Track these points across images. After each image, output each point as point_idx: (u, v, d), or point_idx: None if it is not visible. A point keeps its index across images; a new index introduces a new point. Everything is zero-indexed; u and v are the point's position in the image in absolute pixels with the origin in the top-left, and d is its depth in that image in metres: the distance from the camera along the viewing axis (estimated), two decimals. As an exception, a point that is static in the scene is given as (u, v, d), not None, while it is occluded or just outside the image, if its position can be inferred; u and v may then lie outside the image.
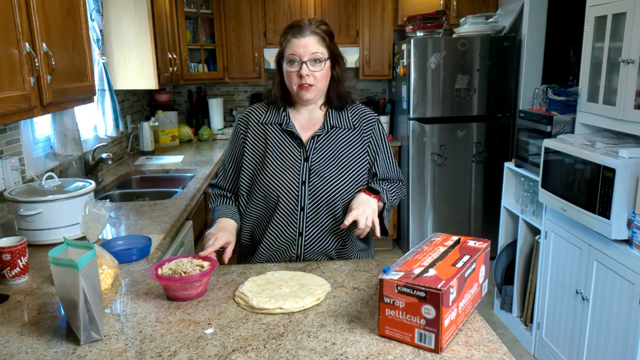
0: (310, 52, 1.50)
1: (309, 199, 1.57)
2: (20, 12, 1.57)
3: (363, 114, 1.66)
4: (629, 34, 2.09)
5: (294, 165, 1.58)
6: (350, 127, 1.63)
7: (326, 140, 1.60)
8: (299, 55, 1.50)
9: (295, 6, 4.22)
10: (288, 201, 1.57)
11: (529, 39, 3.63)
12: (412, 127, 3.88)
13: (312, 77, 1.52)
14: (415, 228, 4.04)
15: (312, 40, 1.51)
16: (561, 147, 2.39)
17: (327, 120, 1.62)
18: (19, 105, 1.56)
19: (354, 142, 1.62)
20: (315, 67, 1.52)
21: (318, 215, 1.58)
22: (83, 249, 1.21)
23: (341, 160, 1.60)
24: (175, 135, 4.18)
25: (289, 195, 1.57)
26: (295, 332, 1.17)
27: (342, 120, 1.63)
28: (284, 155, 1.59)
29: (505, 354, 1.08)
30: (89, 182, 1.92)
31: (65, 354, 1.10)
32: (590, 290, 2.28)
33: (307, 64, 1.51)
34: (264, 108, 1.66)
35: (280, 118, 1.62)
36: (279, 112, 1.63)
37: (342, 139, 1.62)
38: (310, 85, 1.53)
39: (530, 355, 2.89)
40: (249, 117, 1.66)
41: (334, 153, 1.60)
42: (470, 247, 1.27)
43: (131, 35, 3.14)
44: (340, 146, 1.61)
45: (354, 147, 1.62)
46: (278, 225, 1.59)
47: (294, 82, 1.54)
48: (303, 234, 1.59)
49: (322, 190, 1.57)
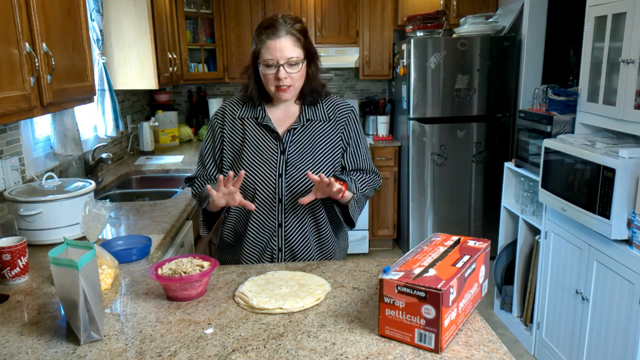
0: (286, 57, 1.51)
1: (286, 190, 1.60)
2: (20, 12, 1.57)
3: (338, 105, 1.69)
4: (629, 34, 2.09)
5: (270, 158, 1.60)
6: (325, 119, 1.65)
7: (302, 133, 1.63)
8: (276, 59, 1.51)
9: (295, 6, 4.22)
10: (266, 193, 1.60)
11: (529, 39, 3.63)
12: (412, 127, 3.88)
13: (289, 79, 1.54)
14: (415, 228, 4.04)
15: (288, 42, 1.51)
16: (561, 147, 2.39)
17: (303, 113, 1.64)
18: (19, 105, 1.56)
19: (329, 133, 1.65)
20: (292, 69, 1.53)
21: (295, 206, 1.61)
22: (83, 249, 1.21)
23: (317, 152, 1.62)
24: (175, 135, 4.19)
25: (266, 187, 1.59)
26: (295, 332, 1.17)
27: (317, 112, 1.65)
28: (260, 148, 1.61)
29: (505, 354, 1.09)
30: (89, 182, 1.92)
31: (65, 354, 1.10)
32: (590, 290, 2.28)
33: (284, 67, 1.52)
34: (239, 103, 1.68)
35: (256, 112, 1.64)
36: (254, 107, 1.65)
37: (318, 131, 1.64)
38: (288, 87, 1.55)
39: (530, 355, 2.89)
40: (225, 112, 1.67)
41: (310, 145, 1.62)
42: (470, 247, 1.27)
43: (131, 35, 3.14)
44: (317, 138, 1.63)
45: (330, 139, 1.64)
46: (258, 217, 1.62)
47: (272, 83, 1.55)
48: (283, 225, 1.62)
49: (298, 182, 1.59)
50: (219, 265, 1.55)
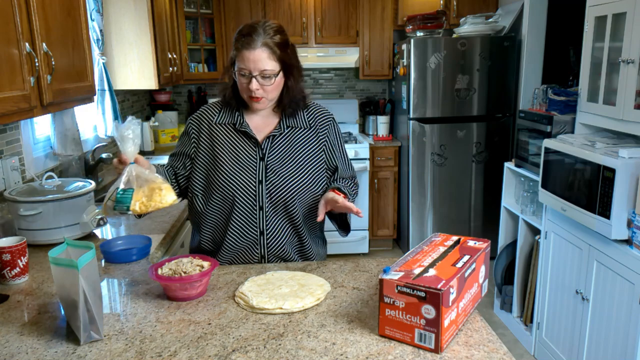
0: (259, 69, 1.48)
1: (267, 197, 1.57)
2: (20, 12, 1.57)
3: (318, 113, 1.67)
4: (629, 34, 2.09)
5: (249, 165, 1.57)
6: (306, 127, 1.63)
7: (282, 140, 1.60)
8: (249, 69, 1.49)
9: (295, 6, 4.22)
10: (246, 201, 1.56)
11: (529, 39, 3.63)
12: (412, 127, 3.88)
13: (261, 90, 1.52)
14: (415, 228, 4.04)
15: (263, 54, 1.48)
16: (561, 147, 2.39)
17: (283, 120, 1.62)
18: (19, 105, 1.56)
19: (310, 141, 1.63)
20: (265, 81, 1.51)
21: (277, 213, 1.58)
22: (83, 249, 1.21)
23: (298, 159, 1.60)
24: (175, 135, 4.18)
25: (246, 194, 1.56)
26: (295, 332, 1.17)
27: (297, 120, 1.63)
28: (238, 155, 1.58)
29: (505, 354, 1.09)
30: (89, 182, 1.92)
31: (65, 354, 1.10)
32: (590, 290, 2.28)
33: (257, 78, 1.50)
34: (217, 108, 1.65)
35: (234, 118, 1.61)
36: (232, 113, 1.62)
37: (299, 138, 1.62)
38: (259, 98, 1.53)
39: (530, 355, 2.89)
40: (201, 118, 1.65)
41: (290, 152, 1.60)
42: (470, 247, 1.27)
43: (131, 35, 3.14)
44: (297, 145, 1.61)
45: (311, 146, 1.62)
46: (237, 225, 1.58)
47: (245, 92, 1.54)
48: (264, 233, 1.59)
49: (280, 188, 1.57)
50: (219, 265, 1.55)
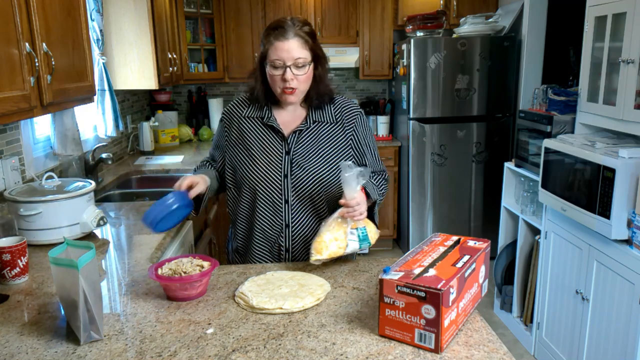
0: (293, 58, 1.51)
1: (292, 191, 1.59)
2: (20, 12, 1.57)
3: (346, 107, 1.67)
4: (629, 34, 2.09)
5: (275, 159, 1.59)
6: (333, 121, 1.65)
7: (308, 134, 1.62)
8: (283, 60, 1.51)
9: (295, 6, 4.22)
10: (271, 194, 1.59)
11: (529, 39, 3.63)
12: (412, 127, 3.88)
13: (295, 80, 1.54)
14: (415, 228, 4.04)
15: (296, 44, 1.52)
16: (561, 147, 2.39)
17: (310, 115, 1.64)
18: (19, 105, 1.56)
19: (336, 135, 1.64)
20: (298, 71, 1.53)
21: (303, 207, 1.61)
22: (83, 249, 1.21)
23: (324, 154, 1.61)
24: (175, 135, 4.18)
25: (271, 188, 1.59)
26: (295, 332, 1.17)
27: (324, 114, 1.65)
28: (265, 148, 1.61)
29: (505, 354, 1.09)
30: (89, 182, 1.92)
31: (65, 354, 1.10)
32: (590, 290, 2.28)
33: (291, 68, 1.52)
34: (245, 102, 1.68)
35: (262, 112, 1.64)
36: (261, 108, 1.65)
37: (325, 133, 1.64)
38: (293, 89, 1.55)
39: (530, 355, 2.89)
40: (232, 111, 1.69)
41: (316, 146, 1.61)
42: (470, 247, 1.27)
43: (131, 35, 3.14)
44: (323, 140, 1.63)
45: (337, 141, 1.64)
46: (264, 218, 1.62)
47: (278, 85, 1.55)
48: (290, 226, 1.62)
49: (305, 183, 1.59)
50: (219, 265, 1.55)
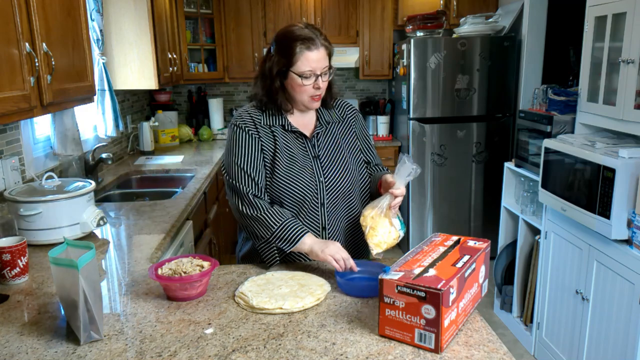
0: (322, 67, 1.55)
1: (327, 193, 1.62)
2: (20, 12, 1.57)
3: (344, 106, 1.75)
4: (629, 34, 2.09)
5: (307, 165, 1.62)
6: (339, 120, 1.72)
7: (326, 136, 1.67)
8: (314, 70, 1.54)
9: (295, 6, 4.22)
10: (310, 199, 1.61)
11: (529, 39, 3.63)
12: (412, 127, 3.88)
13: (322, 88, 1.59)
14: (415, 228, 4.04)
15: (323, 53, 1.56)
16: (561, 147, 2.39)
17: (320, 117, 1.68)
18: (19, 105, 1.56)
19: (346, 133, 1.72)
20: (325, 78, 1.59)
21: (337, 208, 1.64)
22: (83, 249, 1.21)
23: (343, 153, 1.67)
24: (175, 135, 4.18)
25: (310, 193, 1.60)
26: (295, 332, 1.17)
27: (331, 115, 1.71)
28: (295, 156, 1.62)
29: (505, 354, 1.09)
30: (89, 182, 1.92)
31: (65, 354, 1.10)
32: (590, 290, 2.28)
33: (322, 77, 1.56)
34: (259, 112, 1.64)
35: (281, 120, 1.63)
36: (275, 116, 1.63)
37: (337, 132, 1.70)
38: (319, 96, 1.60)
39: (530, 355, 2.89)
40: (254, 120, 1.62)
41: (335, 147, 1.67)
42: (470, 247, 1.27)
43: (131, 35, 3.14)
44: (338, 139, 1.69)
45: (348, 138, 1.71)
46: (303, 223, 1.59)
47: (308, 93, 1.57)
48: (326, 228, 1.64)
49: (337, 183, 1.63)
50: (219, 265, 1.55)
